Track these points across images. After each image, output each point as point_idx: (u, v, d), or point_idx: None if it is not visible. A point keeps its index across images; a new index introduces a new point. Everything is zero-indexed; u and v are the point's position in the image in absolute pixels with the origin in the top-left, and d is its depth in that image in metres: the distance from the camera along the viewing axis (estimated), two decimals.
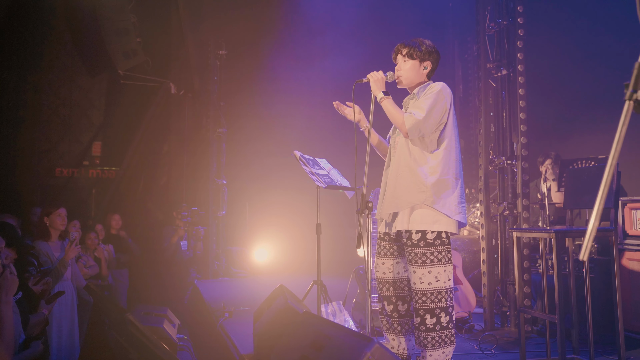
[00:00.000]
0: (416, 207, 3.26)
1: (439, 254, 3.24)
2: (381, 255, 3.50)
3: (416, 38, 3.45)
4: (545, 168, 6.42)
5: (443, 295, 3.25)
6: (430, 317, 3.23)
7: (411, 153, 3.34)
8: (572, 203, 3.99)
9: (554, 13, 7.43)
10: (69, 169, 10.10)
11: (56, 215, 5.31)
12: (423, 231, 3.23)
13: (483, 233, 5.12)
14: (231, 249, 9.01)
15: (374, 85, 3.40)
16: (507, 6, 5.13)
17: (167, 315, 4.44)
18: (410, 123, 3.24)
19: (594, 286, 4.43)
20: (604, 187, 1.58)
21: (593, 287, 4.39)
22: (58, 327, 5.11)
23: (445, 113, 3.31)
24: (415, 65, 3.41)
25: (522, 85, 4.91)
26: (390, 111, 3.34)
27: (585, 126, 7.27)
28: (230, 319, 5.41)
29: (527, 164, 4.91)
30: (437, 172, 3.28)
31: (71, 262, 5.41)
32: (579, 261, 4.38)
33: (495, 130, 5.21)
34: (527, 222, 4.88)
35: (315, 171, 4.06)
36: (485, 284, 5.04)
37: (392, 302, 3.45)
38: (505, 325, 5.03)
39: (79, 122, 10.19)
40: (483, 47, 5.27)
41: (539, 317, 4.43)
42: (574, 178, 3.98)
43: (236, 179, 9.01)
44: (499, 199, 5.19)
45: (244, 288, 7.73)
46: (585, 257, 1.55)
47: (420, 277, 3.23)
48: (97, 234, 7.18)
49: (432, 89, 3.34)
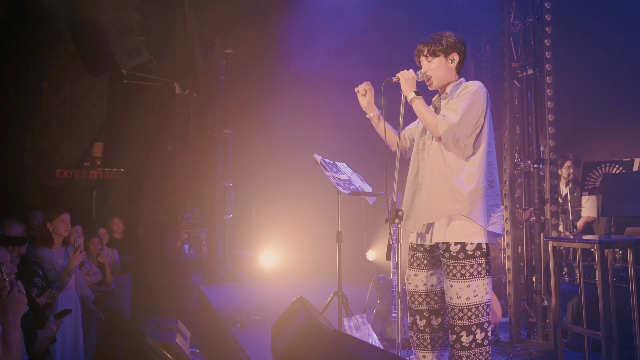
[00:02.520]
0: (453, 217, 3.03)
1: (479, 266, 3.01)
2: (414, 267, 3.26)
3: (434, 33, 3.21)
4: (566, 171, 6.20)
5: (480, 310, 3.02)
6: (466, 335, 3.00)
7: (445, 159, 3.10)
8: (611, 210, 3.76)
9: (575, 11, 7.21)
10: (69, 170, 9.87)
11: (59, 220, 5.04)
12: (463, 243, 2.99)
13: (508, 240, 4.89)
14: (238, 253, 8.79)
15: (404, 85, 3.15)
16: (534, 3, 4.90)
17: (179, 328, 4.20)
18: (444, 127, 2.99)
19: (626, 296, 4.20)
20: None
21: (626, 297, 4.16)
22: (62, 338, 4.87)
23: (481, 115, 3.07)
24: (442, 62, 3.16)
25: (550, 86, 4.69)
26: (422, 113, 3.09)
27: (604, 128, 7.06)
28: (242, 329, 5.18)
29: (555, 168, 4.68)
30: (474, 179, 3.04)
31: (75, 269, 5.18)
32: (617, 271, 4.15)
33: (520, 133, 4.98)
34: (556, 230, 4.64)
35: (337, 176, 3.83)
36: (510, 294, 4.81)
37: (425, 317, 3.22)
38: (532, 337, 4.81)
39: (79, 122, 9.97)
40: (507, 46, 5.04)
41: (577, 332, 4.18)
42: (613, 184, 3.75)
43: (243, 182, 8.80)
44: (525, 204, 4.96)
45: (253, 294, 7.51)
46: None
47: (457, 291, 3.00)
48: (101, 238, 6.95)
49: (467, 89, 3.09)
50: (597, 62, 7.11)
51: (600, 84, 7.19)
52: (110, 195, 9.46)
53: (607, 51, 7.07)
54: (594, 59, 7.15)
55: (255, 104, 8.98)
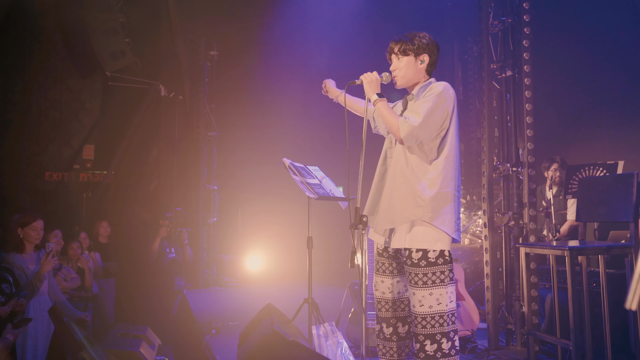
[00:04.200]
0: (415, 222, 2.93)
1: (441, 273, 2.91)
2: (380, 273, 3.17)
3: (409, 32, 3.11)
4: (552, 173, 6.11)
5: (445, 319, 2.92)
6: (430, 344, 2.90)
7: (408, 162, 3.00)
8: (586, 215, 3.66)
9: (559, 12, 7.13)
10: (59, 173, 9.76)
11: (31, 228, 4.93)
12: (424, 250, 2.90)
13: (487, 245, 4.79)
14: (222, 257, 8.68)
15: (367, 87, 3.06)
16: (512, 3, 4.80)
17: (147, 336, 4.11)
18: (405, 129, 2.89)
19: None
20: None
21: None
22: (34, 345, 4.77)
23: (446, 118, 2.97)
24: (411, 62, 3.07)
25: (529, 87, 4.59)
26: (385, 115, 3.00)
27: (590, 131, 6.98)
28: (218, 335, 5.09)
29: (533, 171, 4.57)
30: (437, 184, 2.94)
31: (48, 275, 5.08)
32: (591, 276, 4.05)
33: (499, 135, 4.89)
34: (535, 234, 4.54)
35: (307, 180, 3.74)
36: (489, 300, 4.71)
37: (392, 324, 3.13)
38: (510, 344, 4.70)
39: (69, 124, 9.85)
40: (486, 47, 4.94)
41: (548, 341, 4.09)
42: (588, 188, 3.65)
43: (228, 185, 8.70)
44: (504, 208, 4.86)
45: (235, 299, 7.41)
46: (634, 306, 1.23)
47: (420, 299, 2.91)
48: (81, 243, 6.84)
49: (432, 91, 2.99)
50: (586, 64, 7.03)
51: (588, 85, 7.12)
52: (95, 199, 9.36)
53: (594, 52, 6.99)
54: (583, 61, 7.07)
55: (240, 106, 8.88)
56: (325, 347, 3.70)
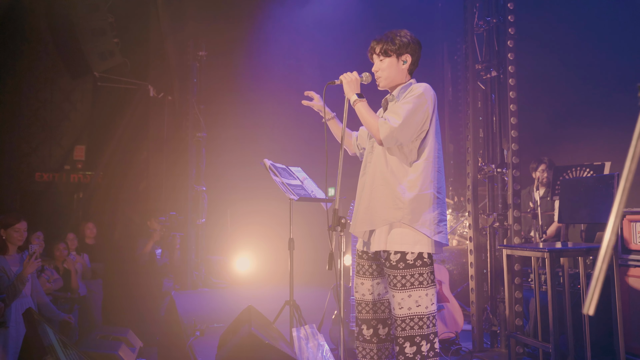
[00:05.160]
0: (394, 225, 2.91)
1: (420, 276, 2.89)
2: (360, 275, 3.15)
3: (390, 31, 3.08)
4: (540, 174, 6.09)
5: (425, 321, 2.90)
6: (410, 346, 2.88)
7: (388, 164, 2.97)
8: (567, 217, 3.64)
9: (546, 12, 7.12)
10: (49, 174, 9.69)
11: (14, 230, 4.88)
12: (402, 252, 2.88)
13: (471, 247, 4.76)
14: (211, 258, 8.64)
15: (347, 87, 3.04)
16: (497, 3, 4.78)
17: (127, 338, 4.07)
18: (385, 131, 2.87)
19: None
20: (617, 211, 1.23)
21: None
22: (15, 346, 4.73)
23: (427, 119, 2.95)
24: (393, 62, 3.04)
25: (513, 88, 4.57)
26: (364, 116, 2.97)
27: (578, 131, 6.96)
28: (202, 337, 5.05)
29: (518, 172, 4.55)
30: (417, 186, 2.92)
31: (32, 276, 5.04)
32: (574, 277, 4.03)
33: (484, 136, 4.87)
34: (519, 235, 4.52)
35: (287, 181, 3.71)
36: (473, 302, 4.69)
37: (372, 326, 3.10)
38: (495, 346, 4.68)
39: (60, 125, 9.78)
40: (471, 47, 4.92)
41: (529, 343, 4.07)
42: (569, 189, 3.63)
43: (217, 186, 8.65)
44: (489, 209, 4.84)
45: (223, 300, 7.37)
46: (591, 311, 1.20)
47: (399, 302, 2.89)
48: (67, 244, 6.79)
49: (413, 92, 2.97)
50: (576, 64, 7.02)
51: (577, 86, 7.10)
52: (83, 199, 9.30)
53: (583, 53, 6.97)
54: (572, 61, 7.06)
55: (228, 106, 8.83)
56: (306, 349, 3.67)
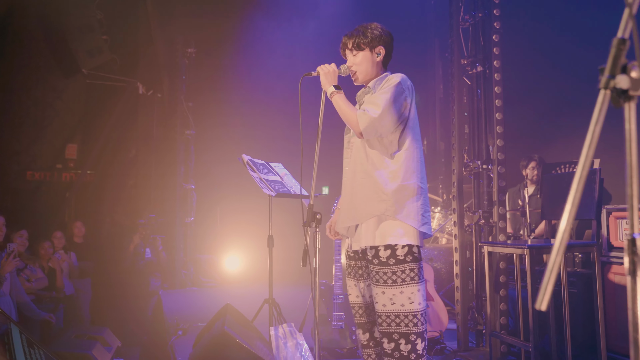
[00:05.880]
0: (381, 218, 2.83)
1: (411, 271, 2.79)
2: (351, 276, 3.07)
3: (360, 25, 3.02)
4: (531, 172, 6.04)
5: (419, 318, 2.80)
6: (405, 343, 2.77)
7: (368, 156, 2.90)
8: (550, 213, 3.57)
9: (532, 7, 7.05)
10: (40, 173, 9.60)
11: None
12: (393, 246, 2.78)
13: (456, 244, 4.69)
14: (200, 257, 8.55)
15: (324, 79, 2.97)
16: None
17: (104, 337, 4.00)
18: (364, 122, 2.80)
19: (575, 303, 4.03)
20: (573, 201, 1.17)
21: (575, 304, 3.99)
22: None
23: (405, 109, 2.88)
24: (367, 56, 2.97)
25: (498, 83, 4.49)
26: (342, 108, 2.90)
27: (569, 128, 6.88)
28: (184, 336, 4.98)
29: (503, 168, 4.47)
30: (399, 177, 2.84)
31: (11, 275, 4.98)
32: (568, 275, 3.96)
33: (470, 132, 4.79)
34: (504, 233, 4.45)
35: (265, 177, 3.63)
36: (458, 300, 4.62)
37: (368, 329, 3.04)
38: (480, 345, 4.60)
39: (51, 123, 9.69)
40: (457, 42, 4.85)
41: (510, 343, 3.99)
42: (552, 185, 3.56)
43: (205, 184, 8.56)
44: (474, 207, 4.76)
45: (210, 299, 7.28)
46: (544, 306, 1.13)
47: (391, 297, 2.78)
48: (53, 242, 6.72)
49: (390, 82, 2.90)
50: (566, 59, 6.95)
51: (567, 81, 7.02)
52: (73, 198, 9.22)
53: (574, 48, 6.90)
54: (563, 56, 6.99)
55: (217, 103, 8.75)
56: (284, 348, 3.60)
